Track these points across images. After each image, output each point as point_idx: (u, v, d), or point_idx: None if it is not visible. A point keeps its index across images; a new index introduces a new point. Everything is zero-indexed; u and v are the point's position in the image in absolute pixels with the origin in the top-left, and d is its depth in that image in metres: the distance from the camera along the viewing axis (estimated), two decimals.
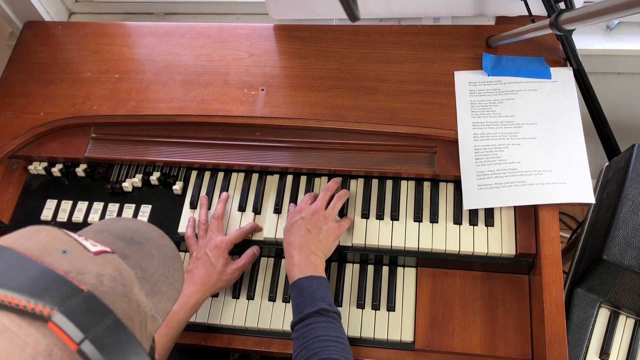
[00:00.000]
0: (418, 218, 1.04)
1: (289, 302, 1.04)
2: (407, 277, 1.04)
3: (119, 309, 0.47)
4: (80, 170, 1.15)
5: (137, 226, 0.65)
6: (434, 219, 1.03)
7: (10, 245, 0.48)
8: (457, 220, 1.02)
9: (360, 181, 1.09)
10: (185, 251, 1.11)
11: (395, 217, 1.04)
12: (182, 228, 1.08)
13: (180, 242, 1.09)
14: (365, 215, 1.05)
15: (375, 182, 1.08)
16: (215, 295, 1.06)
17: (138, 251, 0.60)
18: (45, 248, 0.48)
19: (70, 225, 1.12)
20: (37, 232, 0.51)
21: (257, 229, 1.06)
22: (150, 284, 0.57)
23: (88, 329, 0.43)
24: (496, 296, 1.01)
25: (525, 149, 1.02)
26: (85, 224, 1.11)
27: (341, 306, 1.02)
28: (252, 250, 1.04)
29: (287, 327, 1.01)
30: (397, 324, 1.00)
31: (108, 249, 0.53)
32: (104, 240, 0.58)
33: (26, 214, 1.15)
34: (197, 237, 1.06)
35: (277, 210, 1.08)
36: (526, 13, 1.10)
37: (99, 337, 0.43)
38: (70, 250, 0.49)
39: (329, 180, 1.08)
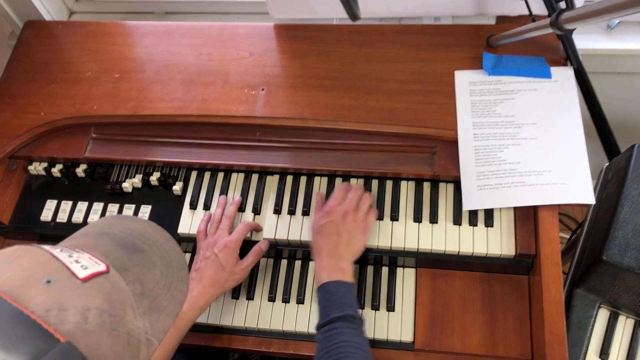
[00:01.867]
0: (418, 218, 1.04)
1: (288, 302, 1.04)
2: (406, 278, 1.04)
3: (105, 348, 0.44)
4: (80, 171, 1.15)
5: (142, 228, 0.61)
6: (433, 219, 1.03)
7: None
8: (457, 221, 1.02)
9: (360, 181, 1.09)
10: (186, 251, 1.11)
11: (395, 217, 1.04)
12: (182, 229, 1.08)
13: (180, 242, 1.09)
14: None
15: (375, 183, 1.08)
16: None
17: (139, 261, 0.56)
18: (27, 277, 0.45)
19: (70, 226, 1.12)
20: (21, 255, 0.47)
21: (257, 228, 1.06)
22: (149, 300, 0.53)
23: None
24: (496, 296, 1.01)
25: (525, 149, 1.02)
26: (85, 224, 1.11)
27: None
28: (259, 246, 1.03)
29: (287, 327, 1.02)
30: (397, 324, 1.00)
31: (102, 268, 0.50)
32: (104, 247, 0.55)
33: (26, 215, 1.15)
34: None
35: (277, 210, 1.08)
36: (527, 12, 1.10)
37: None
38: (55, 279, 0.45)
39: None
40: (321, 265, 0.94)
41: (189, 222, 1.09)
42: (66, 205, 1.14)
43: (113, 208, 1.12)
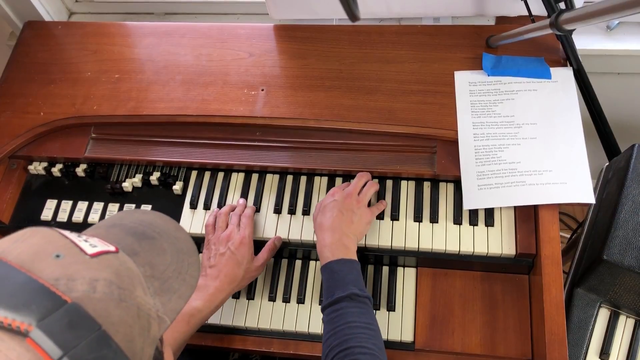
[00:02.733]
0: (418, 218, 1.04)
1: (289, 302, 1.04)
2: (407, 277, 1.04)
3: (114, 316, 0.45)
4: (80, 170, 1.15)
5: (152, 219, 0.63)
6: (434, 219, 1.03)
7: (2, 250, 0.46)
8: (457, 220, 1.02)
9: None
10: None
11: (395, 217, 1.04)
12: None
13: None
14: None
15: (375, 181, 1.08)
16: None
17: (149, 247, 0.58)
18: (37, 253, 0.46)
19: (70, 226, 1.12)
20: (32, 235, 0.49)
21: (253, 209, 1.06)
22: (160, 282, 0.55)
23: (67, 345, 0.41)
24: (496, 296, 1.01)
25: (525, 149, 1.02)
26: (85, 224, 1.11)
27: None
28: (273, 242, 1.03)
29: (287, 327, 1.02)
30: (397, 324, 1.00)
31: (111, 249, 0.51)
32: (114, 235, 0.56)
33: (26, 214, 1.15)
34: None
35: (277, 210, 1.08)
36: (526, 13, 1.10)
37: (79, 354, 0.41)
38: (64, 254, 0.47)
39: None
40: (324, 243, 0.93)
41: (189, 221, 1.09)
42: (66, 204, 1.14)
43: (113, 208, 1.12)
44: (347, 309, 0.85)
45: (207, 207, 1.10)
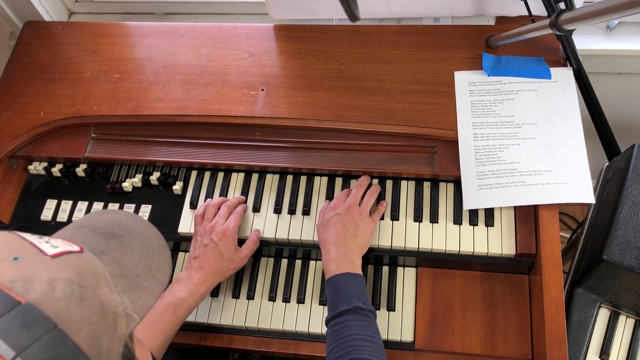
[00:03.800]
0: (418, 218, 1.04)
1: (289, 302, 1.04)
2: (407, 277, 1.04)
3: (75, 315, 0.45)
4: (80, 170, 1.15)
5: (120, 218, 0.63)
6: (434, 219, 1.03)
7: None
8: (457, 220, 1.02)
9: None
10: (186, 251, 1.11)
11: (395, 217, 1.04)
12: (182, 228, 1.08)
13: (180, 242, 1.09)
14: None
15: (375, 182, 1.08)
16: (215, 295, 1.06)
17: (117, 245, 0.58)
18: None
19: None
20: None
21: (241, 200, 1.07)
22: (129, 280, 0.55)
23: (20, 346, 0.40)
24: (496, 296, 1.01)
25: (525, 149, 1.02)
26: None
27: None
28: (256, 234, 1.04)
29: (287, 327, 1.02)
30: (397, 323, 1.00)
31: (74, 249, 0.51)
32: (82, 236, 0.56)
33: (26, 214, 1.15)
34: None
35: (277, 210, 1.08)
36: (526, 13, 1.10)
37: (32, 353, 0.41)
38: (23, 256, 0.46)
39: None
40: (329, 258, 0.94)
41: (190, 221, 1.09)
42: (66, 204, 1.14)
43: (113, 208, 1.12)
44: (350, 322, 0.86)
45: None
